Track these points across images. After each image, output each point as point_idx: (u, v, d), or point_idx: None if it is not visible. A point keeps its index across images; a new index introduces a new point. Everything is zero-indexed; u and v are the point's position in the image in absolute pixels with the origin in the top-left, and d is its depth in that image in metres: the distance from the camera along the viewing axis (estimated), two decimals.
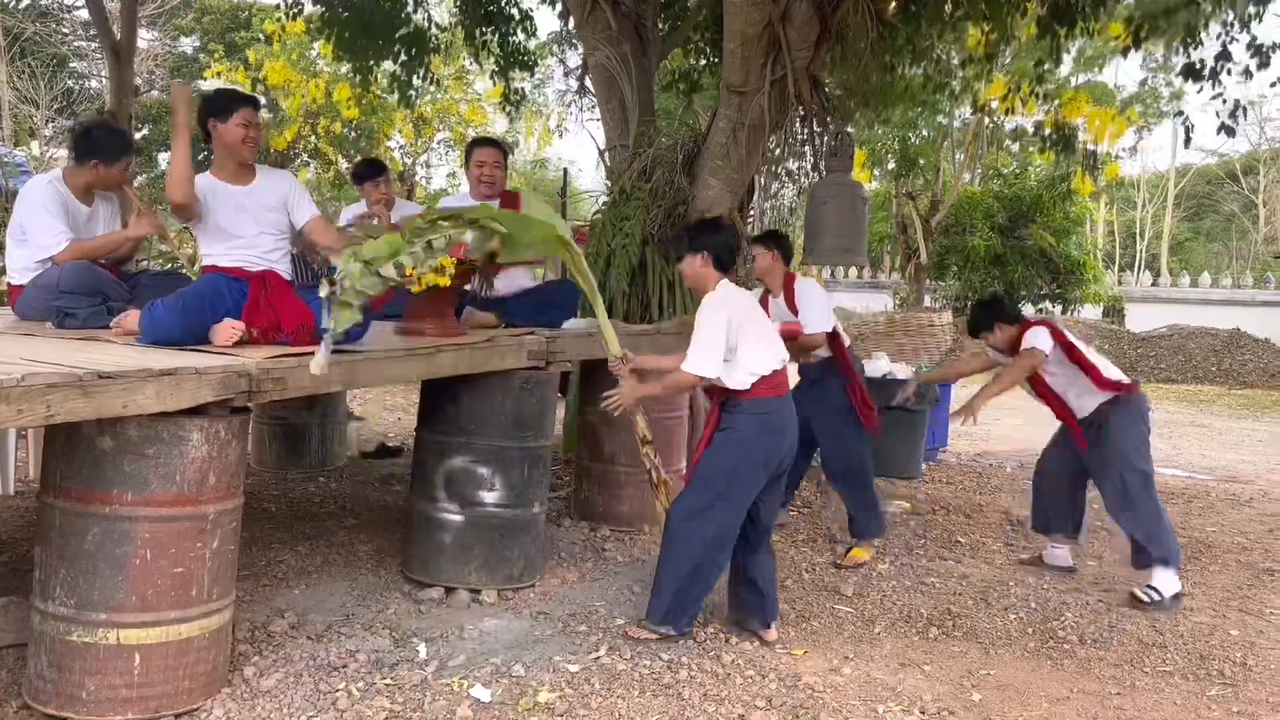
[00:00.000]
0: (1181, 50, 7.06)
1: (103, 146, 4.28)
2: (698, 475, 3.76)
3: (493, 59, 9.08)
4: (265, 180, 3.89)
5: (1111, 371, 4.84)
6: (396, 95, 8.96)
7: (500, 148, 5.14)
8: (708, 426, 3.83)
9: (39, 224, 4.12)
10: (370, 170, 5.79)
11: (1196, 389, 15.23)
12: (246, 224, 3.77)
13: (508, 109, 10.47)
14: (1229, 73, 6.70)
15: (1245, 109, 6.80)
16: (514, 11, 8.90)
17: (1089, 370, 4.78)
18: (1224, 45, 6.68)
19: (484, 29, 8.82)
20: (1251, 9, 6.30)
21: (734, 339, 3.68)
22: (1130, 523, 4.72)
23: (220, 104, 3.75)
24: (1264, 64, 6.50)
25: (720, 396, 3.79)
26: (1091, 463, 4.85)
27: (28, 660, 2.99)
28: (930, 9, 7.28)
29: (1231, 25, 6.66)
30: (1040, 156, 13.41)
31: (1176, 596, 4.57)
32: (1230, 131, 6.94)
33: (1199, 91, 6.82)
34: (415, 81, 8.91)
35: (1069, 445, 4.98)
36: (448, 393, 4.15)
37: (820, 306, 5.02)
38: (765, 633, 3.85)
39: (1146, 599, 4.52)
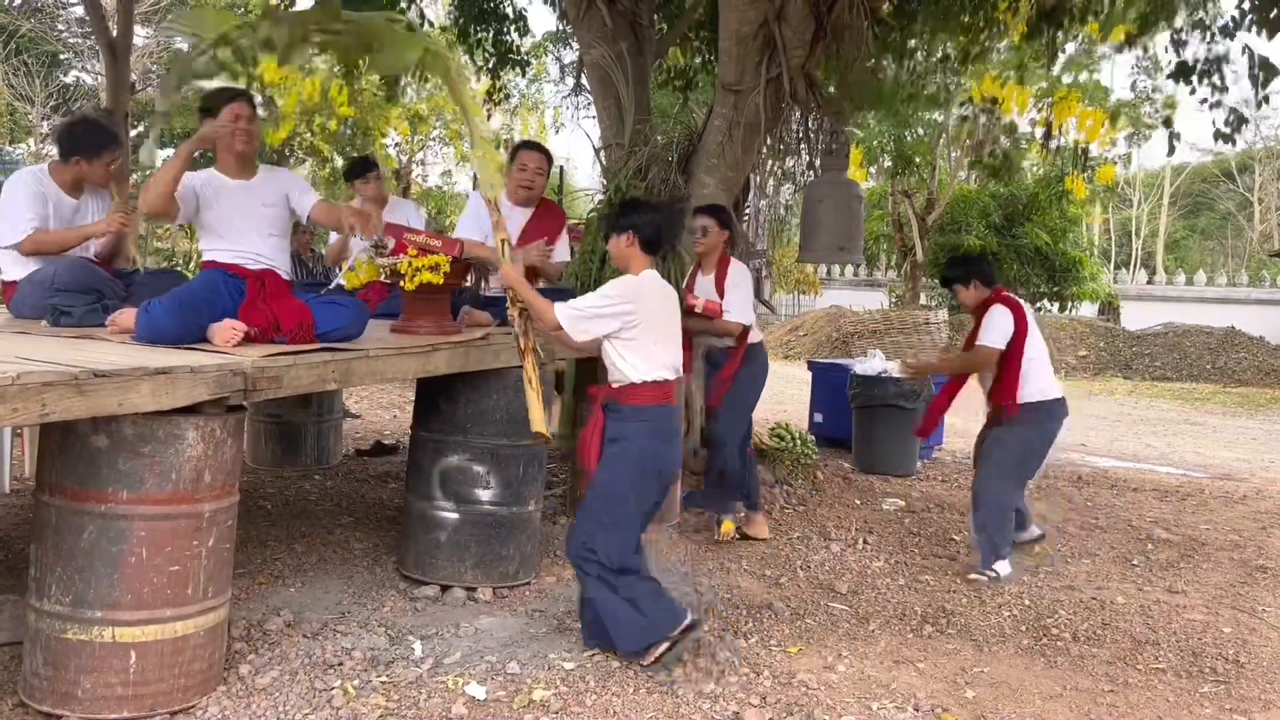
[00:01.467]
0: (1171, 49, 7.06)
1: (83, 143, 4.27)
2: (593, 498, 3.50)
3: (485, 57, 9.09)
4: (265, 177, 3.92)
5: (1034, 387, 4.82)
6: (386, 93, 8.98)
7: (547, 155, 5.08)
8: (591, 436, 3.55)
9: (9, 211, 4.13)
10: (361, 168, 5.79)
11: (1191, 387, 15.27)
12: (247, 220, 3.79)
13: (491, 107, 10.49)
14: (1221, 76, 6.69)
15: (1243, 119, 6.79)
16: (508, 10, 8.91)
17: (1007, 374, 4.80)
18: (1223, 44, 6.66)
19: (478, 27, 8.83)
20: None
21: (628, 328, 3.47)
22: (976, 518, 4.89)
23: (212, 100, 3.77)
24: (1266, 80, 6.43)
25: (604, 399, 3.57)
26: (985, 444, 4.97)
27: (23, 658, 3.00)
28: (925, 6, 7.30)
29: (1210, 29, 6.66)
30: (1033, 152, 13.41)
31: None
32: (1229, 139, 6.94)
33: (1191, 93, 6.82)
34: (403, 79, 8.92)
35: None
36: (444, 391, 4.15)
37: (746, 297, 5.11)
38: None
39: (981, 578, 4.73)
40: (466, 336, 4.10)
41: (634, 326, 3.46)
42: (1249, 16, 6.10)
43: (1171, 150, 7.37)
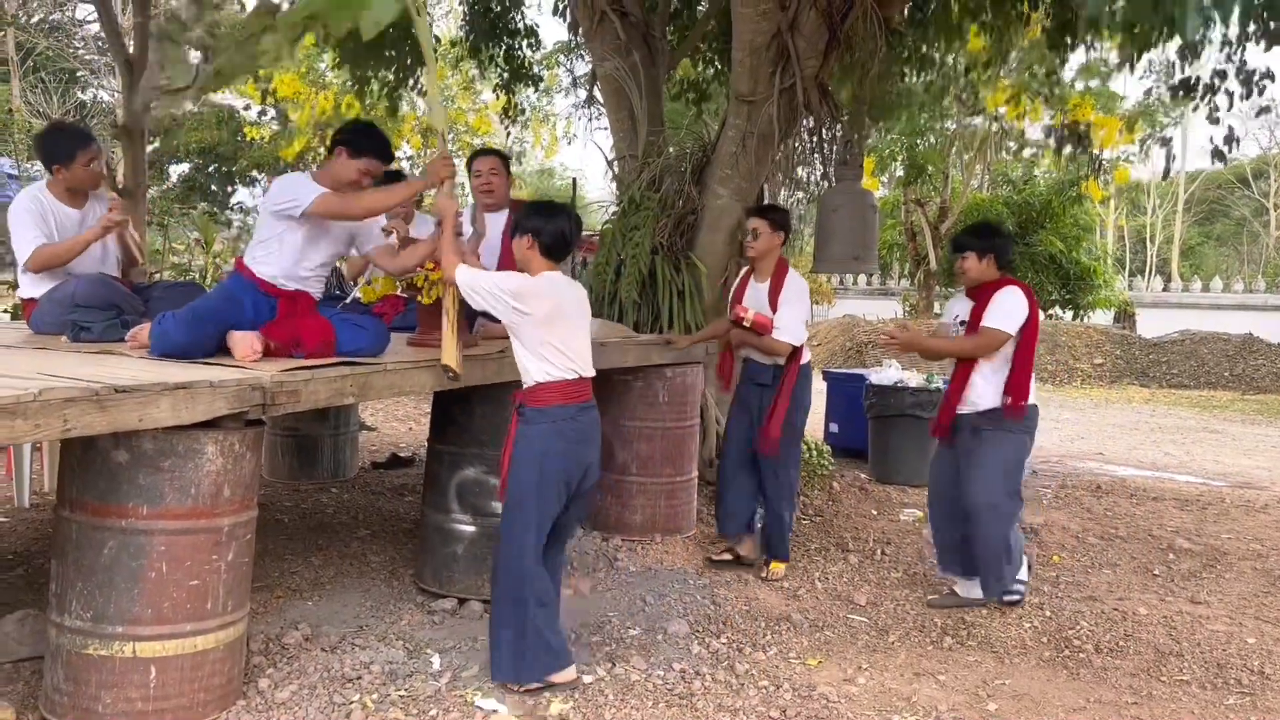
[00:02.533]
0: (1178, 66, 7.06)
1: (55, 151, 4.27)
2: (505, 506, 3.45)
3: (498, 72, 9.13)
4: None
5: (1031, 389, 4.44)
6: (385, 101, 8.99)
7: (499, 156, 5.13)
8: (509, 438, 3.49)
9: (14, 237, 4.16)
10: (390, 182, 5.78)
11: (1209, 394, 15.16)
12: (317, 244, 3.77)
13: (506, 123, 10.55)
14: (1225, 93, 6.68)
15: (1238, 140, 6.76)
16: (520, 25, 8.95)
17: (1021, 369, 4.35)
18: (1234, 63, 6.65)
19: (490, 42, 8.87)
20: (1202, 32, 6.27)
21: (519, 329, 3.41)
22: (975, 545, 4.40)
23: (362, 144, 3.76)
24: (1249, 93, 6.45)
25: (516, 403, 3.50)
26: (960, 463, 4.47)
27: (44, 673, 3.00)
28: (937, 16, 7.29)
29: (1222, 44, 6.64)
30: (1049, 159, 13.39)
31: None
32: (1222, 157, 6.93)
33: (1194, 110, 6.81)
34: (405, 92, 8.94)
35: (948, 457, 4.57)
36: (460, 404, 4.16)
37: (801, 314, 4.77)
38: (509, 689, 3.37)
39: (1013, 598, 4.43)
40: (483, 349, 4.10)
41: (528, 325, 3.40)
42: (1251, 27, 6.08)
43: (1166, 174, 7.35)
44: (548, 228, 3.48)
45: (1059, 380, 16.07)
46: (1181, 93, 6.70)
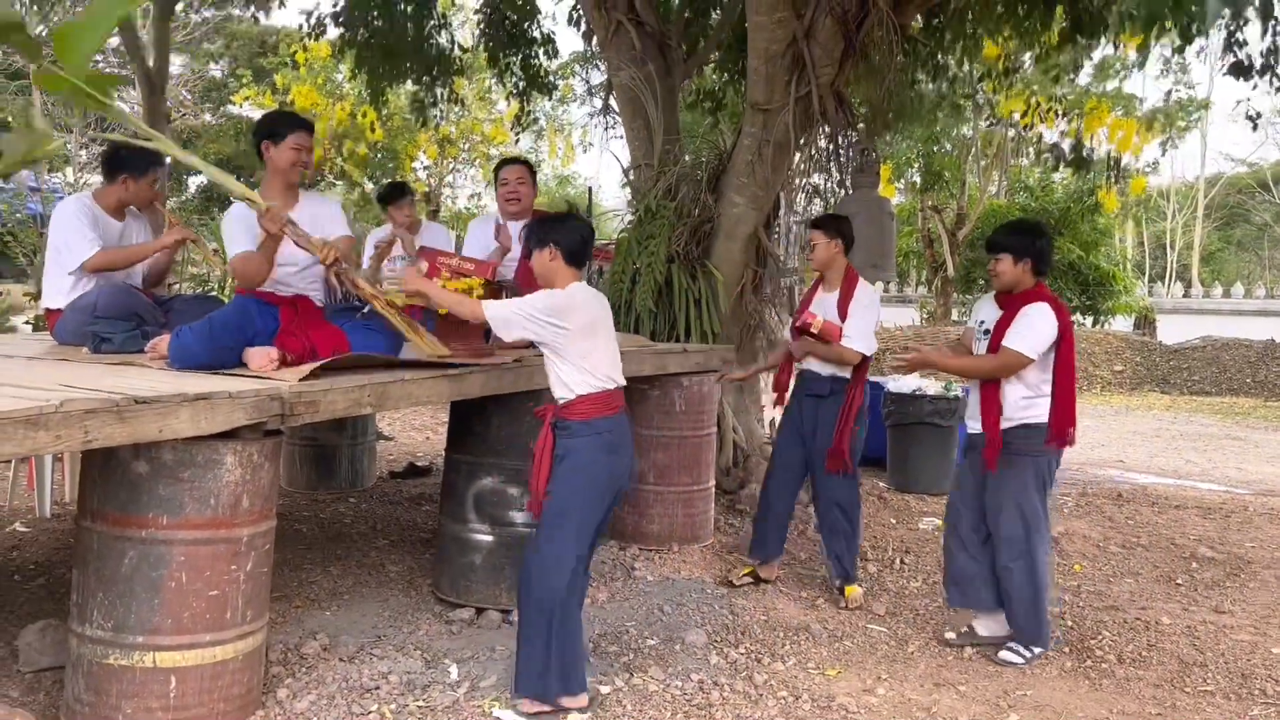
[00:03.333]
0: (1225, 50, 6.99)
1: (129, 161, 4.34)
2: (545, 517, 3.37)
3: (514, 81, 9.16)
4: (308, 205, 3.89)
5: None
6: (415, 116, 9.07)
7: (526, 165, 5.15)
8: (542, 454, 3.42)
9: (71, 234, 4.19)
10: (395, 193, 5.83)
11: (1231, 401, 15.02)
12: (284, 247, 3.77)
13: (518, 130, 10.59)
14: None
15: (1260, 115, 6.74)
16: (536, 34, 8.98)
17: (1063, 394, 3.98)
18: (1275, 41, 6.59)
19: (507, 51, 8.91)
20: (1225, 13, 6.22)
21: (562, 340, 3.35)
22: (1012, 577, 4.01)
23: (274, 126, 3.78)
24: None
25: (551, 419, 3.44)
26: (989, 492, 4.10)
27: (65, 683, 3.02)
28: (953, 24, 7.28)
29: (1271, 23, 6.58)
30: (1061, 172, 13.34)
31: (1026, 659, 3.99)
32: (1253, 124, 6.90)
33: (1255, 88, 6.74)
34: (437, 103, 9.01)
35: (973, 483, 4.18)
36: (477, 414, 4.16)
37: (871, 323, 4.58)
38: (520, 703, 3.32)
39: (1015, 658, 3.96)
40: (500, 359, 4.11)
41: (566, 341, 3.36)
42: None
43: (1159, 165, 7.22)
44: (565, 235, 3.45)
45: (1079, 387, 15.94)
46: (1238, 75, 6.60)
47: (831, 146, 6.61)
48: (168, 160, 4.52)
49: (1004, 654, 3.98)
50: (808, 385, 4.74)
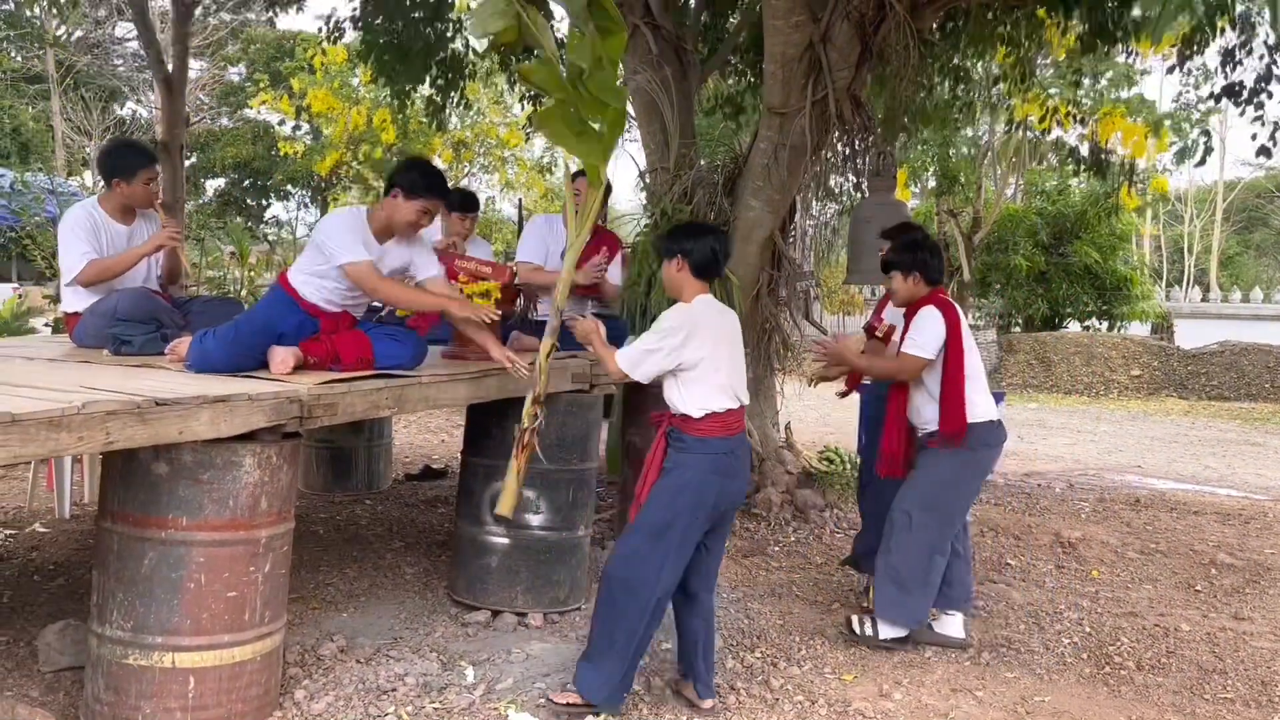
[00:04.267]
0: (1220, 71, 7.02)
1: (119, 165, 4.34)
2: (638, 521, 3.33)
3: (524, 86, 9.16)
4: (401, 245, 3.82)
5: (978, 406, 4.10)
6: (429, 120, 9.07)
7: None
8: (651, 462, 3.41)
9: (64, 249, 4.23)
10: (465, 203, 5.71)
11: (1250, 406, 14.90)
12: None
13: (529, 132, 10.58)
14: (1270, 95, 6.64)
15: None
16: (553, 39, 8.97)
17: (950, 392, 4.06)
18: (1268, 66, 6.61)
19: (522, 55, 8.91)
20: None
21: (686, 361, 3.30)
22: (883, 565, 4.08)
23: (417, 182, 3.69)
24: None
25: (666, 428, 3.40)
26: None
27: (85, 683, 3.04)
28: (972, 26, 7.25)
29: (1275, 47, 6.60)
30: (1079, 175, 13.26)
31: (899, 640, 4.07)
32: (1268, 153, 6.86)
33: (1241, 114, 6.78)
34: (449, 106, 9.00)
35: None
36: (494, 416, 4.17)
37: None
38: (700, 703, 3.39)
39: (858, 630, 4.08)
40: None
41: (694, 357, 3.29)
42: None
43: (1204, 159, 7.19)
44: (697, 246, 3.38)
45: (1095, 392, 15.87)
46: (1229, 98, 6.65)
47: (848, 150, 6.59)
48: (159, 162, 4.48)
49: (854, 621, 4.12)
50: (876, 387, 4.71)
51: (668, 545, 3.26)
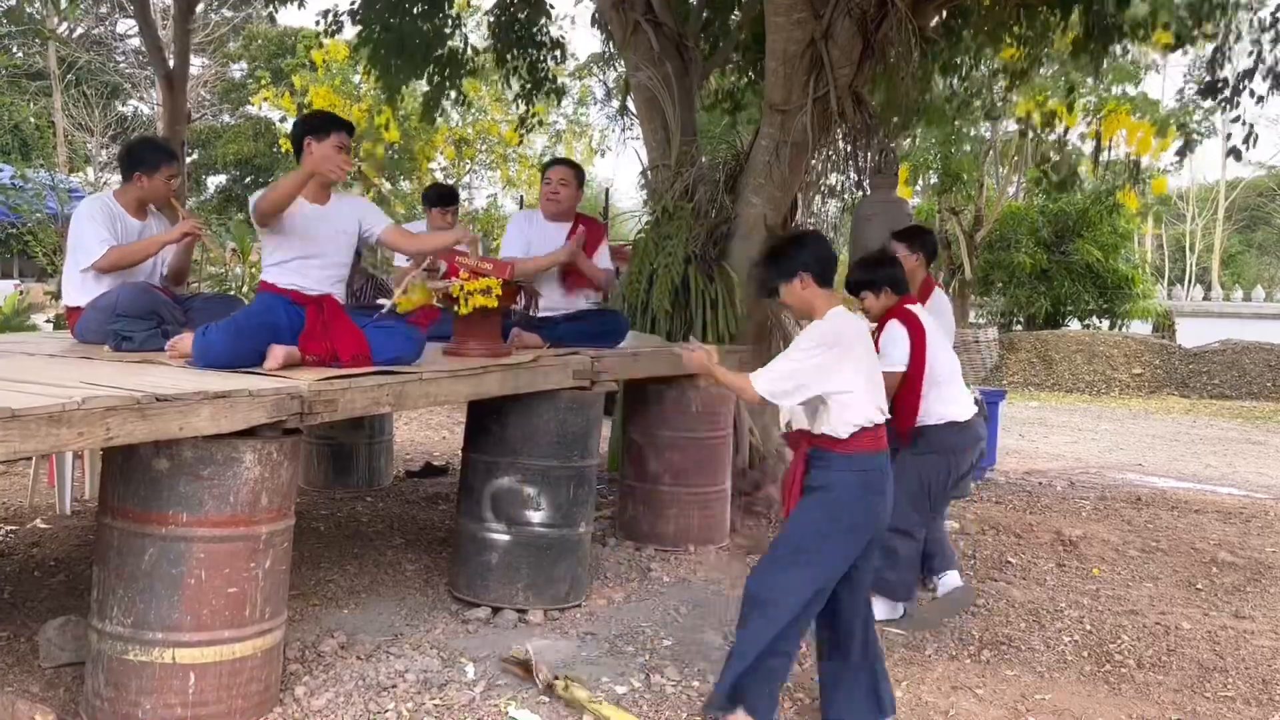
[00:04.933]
0: (1205, 68, 7.04)
1: (143, 158, 4.37)
2: (783, 541, 3.18)
3: (520, 83, 9.11)
4: (339, 202, 3.96)
5: (939, 408, 4.25)
6: (423, 115, 9.04)
7: (571, 167, 5.10)
8: (792, 483, 3.24)
9: (83, 234, 4.23)
10: (443, 197, 5.79)
11: (1251, 405, 14.89)
12: (318, 244, 3.82)
13: (523, 131, 10.56)
14: (1250, 94, 6.66)
15: (1257, 136, 6.71)
16: (545, 39, 8.93)
17: (907, 393, 4.19)
18: (1255, 60, 6.63)
19: (514, 53, 8.88)
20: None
21: (832, 383, 3.10)
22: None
23: (319, 123, 3.83)
24: (1277, 86, 6.47)
25: (807, 446, 3.21)
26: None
27: (85, 679, 3.04)
28: (974, 22, 7.25)
29: (1258, 41, 6.61)
30: (1084, 166, 13.24)
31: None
32: (1238, 155, 6.89)
33: (1222, 112, 6.81)
34: (445, 103, 8.98)
35: None
36: (494, 413, 4.17)
37: (943, 327, 4.57)
38: None
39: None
40: (517, 358, 4.11)
41: (834, 375, 3.09)
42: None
43: (1238, 154, 7.14)
44: (809, 255, 3.19)
45: (1097, 390, 15.86)
46: (1208, 95, 6.68)
47: (849, 147, 6.59)
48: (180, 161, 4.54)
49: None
50: None
51: (810, 567, 3.10)
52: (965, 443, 4.35)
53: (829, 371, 3.09)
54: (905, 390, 4.21)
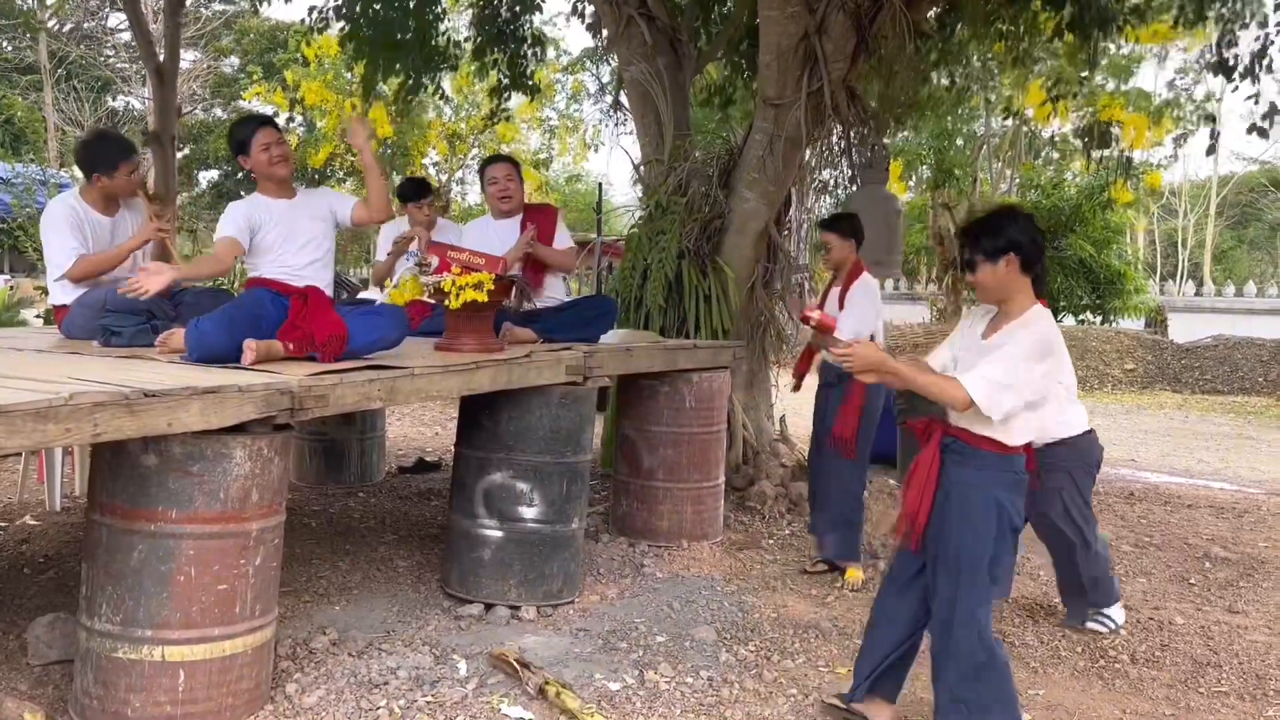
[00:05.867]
0: (1214, 48, 6.99)
1: (98, 159, 4.31)
2: (960, 566, 2.88)
3: (497, 77, 9.02)
4: (304, 193, 4.07)
5: (1067, 420, 4.06)
6: (397, 106, 8.94)
7: (511, 162, 5.12)
8: (926, 479, 2.97)
9: (51, 244, 4.20)
10: (416, 191, 5.78)
11: (1243, 400, 14.93)
12: (294, 237, 3.91)
13: (490, 123, 10.46)
14: (1269, 69, 6.60)
15: (1277, 111, 6.67)
16: (526, 34, 8.85)
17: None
18: (1263, 43, 6.59)
19: (495, 47, 8.80)
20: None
21: (1040, 391, 2.82)
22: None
23: (238, 136, 3.94)
24: None
25: (941, 436, 2.97)
26: None
27: (74, 677, 3.02)
28: (966, 15, 7.23)
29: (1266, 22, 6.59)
30: (1078, 162, 13.25)
31: None
32: (1263, 133, 6.84)
33: (1234, 90, 6.77)
34: (418, 93, 8.86)
35: None
36: (486, 409, 4.15)
37: (865, 315, 4.73)
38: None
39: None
40: (509, 354, 4.09)
41: (1044, 387, 2.82)
42: None
43: (1212, 149, 7.13)
44: (1025, 236, 2.81)
45: (1090, 386, 15.88)
46: (1221, 73, 6.63)
47: (843, 142, 6.58)
48: (139, 151, 4.51)
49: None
50: (824, 374, 4.97)
51: (983, 582, 2.88)
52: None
53: (1046, 382, 2.82)
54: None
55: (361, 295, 6.10)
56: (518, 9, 8.67)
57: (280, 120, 20.94)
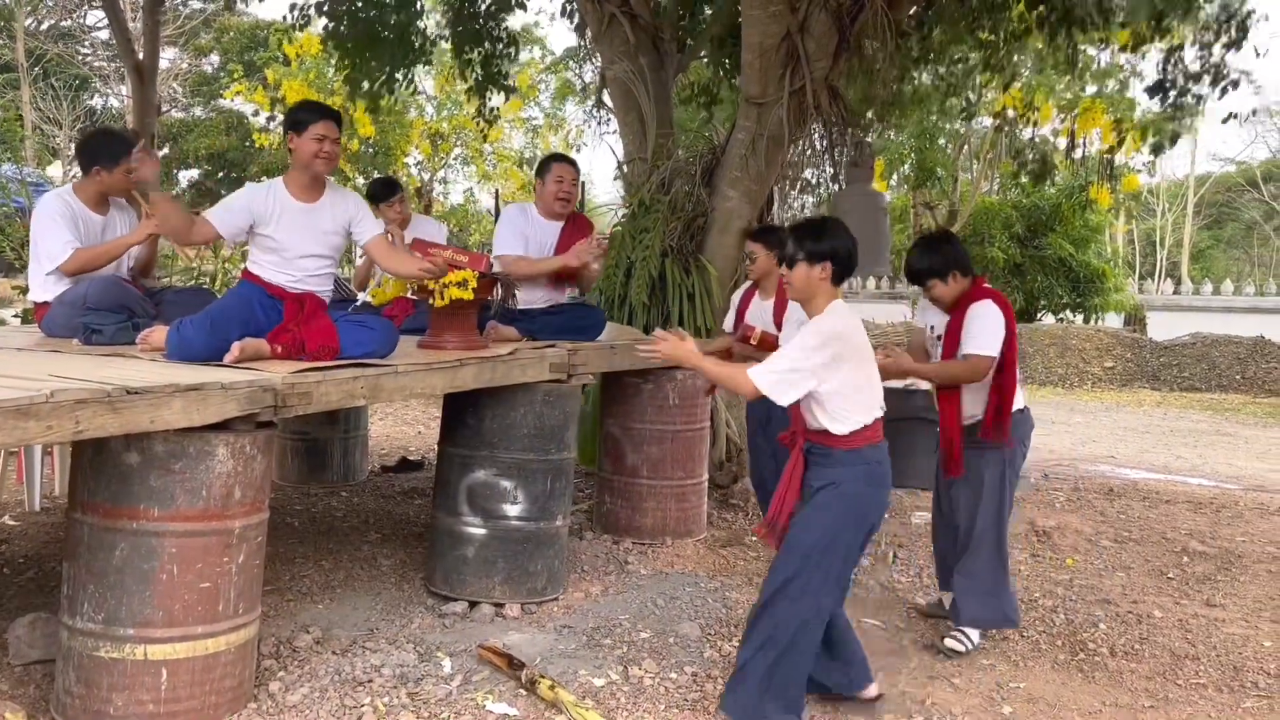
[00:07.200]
0: (1161, 68, 7.18)
1: (101, 153, 4.29)
2: (793, 545, 3.11)
3: (473, 76, 8.98)
4: (331, 200, 3.83)
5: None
6: (367, 102, 8.87)
7: (576, 166, 4.95)
8: (790, 483, 3.20)
9: (46, 236, 4.16)
10: (385, 190, 5.78)
11: (1221, 397, 15.08)
12: (303, 243, 3.74)
13: (480, 125, 10.42)
14: (1194, 98, 6.83)
15: (1254, 111, 6.93)
16: (502, 34, 8.81)
17: (1007, 387, 3.95)
18: (1202, 66, 6.80)
19: (471, 46, 8.76)
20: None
21: (833, 381, 3.04)
22: (961, 579, 4.03)
23: (299, 116, 3.74)
24: (1222, 94, 6.68)
25: (804, 442, 3.19)
26: (955, 492, 4.17)
27: (56, 676, 3.00)
28: (944, 17, 7.27)
29: (1209, 45, 6.76)
30: (1058, 161, 13.33)
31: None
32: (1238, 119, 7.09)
33: (1162, 110, 7.00)
34: (394, 90, 8.81)
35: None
36: (470, 406, 4.15)
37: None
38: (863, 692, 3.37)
39: (960, 646, 3.93)
40: (493, 351, 4.09)
41: (846, 372, 3.04)
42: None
43: (1165, 146, 7.34)
44: (841, 248, 3.10)
45: (1070, 383, 16.00)
46: (1155, 94, 6.85)
47: (825, 141, 6.61)
48: (138, 147, 4.45)
49: (949, 641, 3.95)
50: None
51: (830, 570, 3.09)
52: (1029, 430, 4.19)
53: (832, 369, 3.03)
54: (1005, 376, 3.93)
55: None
56: (493, 7, 8.63)
57: (261, 119, 20.86)
